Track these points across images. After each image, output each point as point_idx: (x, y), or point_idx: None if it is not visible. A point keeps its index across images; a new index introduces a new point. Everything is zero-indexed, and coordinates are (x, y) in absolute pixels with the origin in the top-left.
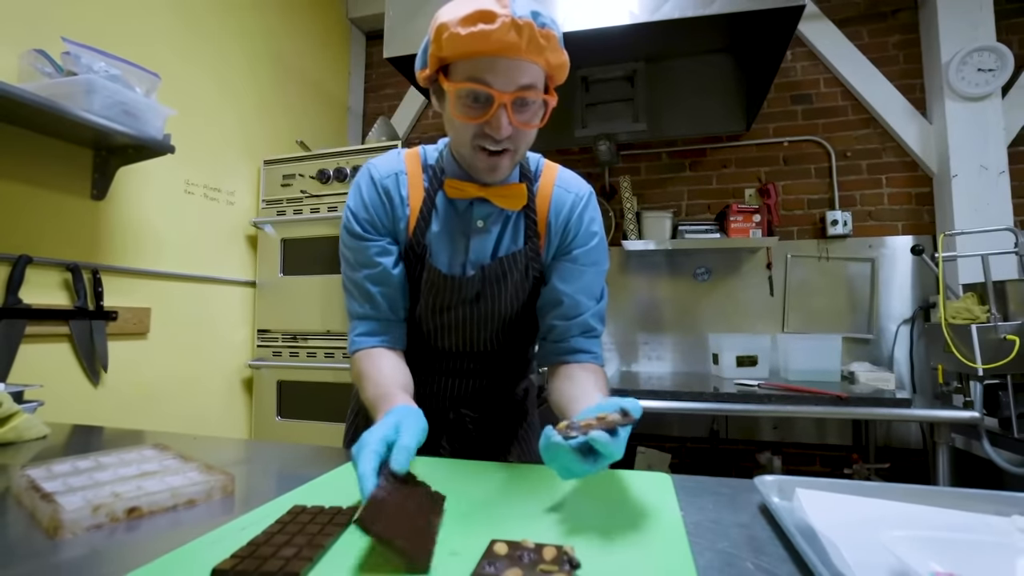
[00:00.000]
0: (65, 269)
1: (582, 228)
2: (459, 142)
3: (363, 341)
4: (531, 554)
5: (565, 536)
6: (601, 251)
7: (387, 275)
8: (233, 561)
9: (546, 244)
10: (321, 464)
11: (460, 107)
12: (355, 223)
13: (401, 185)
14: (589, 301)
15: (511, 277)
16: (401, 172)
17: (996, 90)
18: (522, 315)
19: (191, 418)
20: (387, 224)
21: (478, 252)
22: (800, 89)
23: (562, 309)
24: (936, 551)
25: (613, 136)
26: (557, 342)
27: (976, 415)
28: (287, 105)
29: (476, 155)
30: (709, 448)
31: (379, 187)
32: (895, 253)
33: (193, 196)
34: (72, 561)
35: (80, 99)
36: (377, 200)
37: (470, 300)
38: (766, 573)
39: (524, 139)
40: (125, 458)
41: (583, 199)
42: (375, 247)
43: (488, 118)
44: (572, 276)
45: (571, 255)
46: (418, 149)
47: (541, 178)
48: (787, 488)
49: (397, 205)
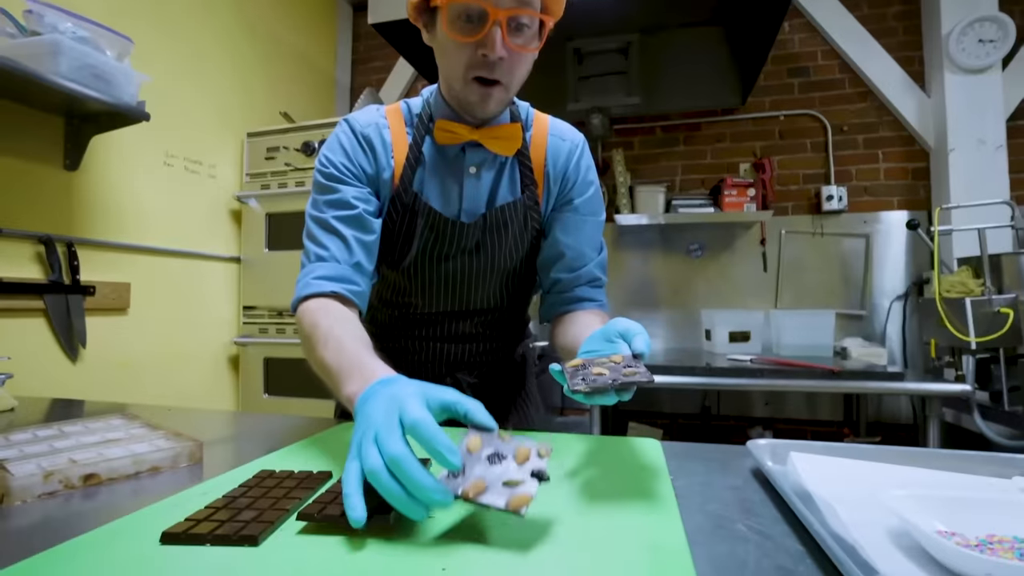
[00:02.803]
0: (38, 241)
1: (580, 176)
2: (451, 72)
3: (319, 284)
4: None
5: (550, 502)
6: (598, 201)
7: (363, 221)
8: (186, 524)
9: (544, 194)
10: (301, 432)
11: (453, 26)
12: (331, 167)
13: (384, 134)
14: (592, 252)
15: (512, 227)
16: (383, 124)
17: (997, 62)
18: (520, 270)
19: (176, 396)
20: (370, 173)
21: (472, 200)
22: (797, 62)
23: (566, 261)
24: (939, 510)
25: (606, 110)
26: (562, 293)
27: (968, 388)
28: (271, 76)
29: (468, 87)
30: (700, 424)
31: (359, 135)
32: (890, 229)
33: (173, 169)
34: (18, 529)
35: (46, 61)
36: (358, 148)
37: (470, 250)
38: (758, 534)
39: (518, 69)
40: (90, 427)
41: (579, 147)
42: (354, 191)
43: (482, 36)
44: (573, 227)
45: (572, 204)
46: (399, 104)
47: (533, 127)
48: (780, 452)
49: (380, 154)
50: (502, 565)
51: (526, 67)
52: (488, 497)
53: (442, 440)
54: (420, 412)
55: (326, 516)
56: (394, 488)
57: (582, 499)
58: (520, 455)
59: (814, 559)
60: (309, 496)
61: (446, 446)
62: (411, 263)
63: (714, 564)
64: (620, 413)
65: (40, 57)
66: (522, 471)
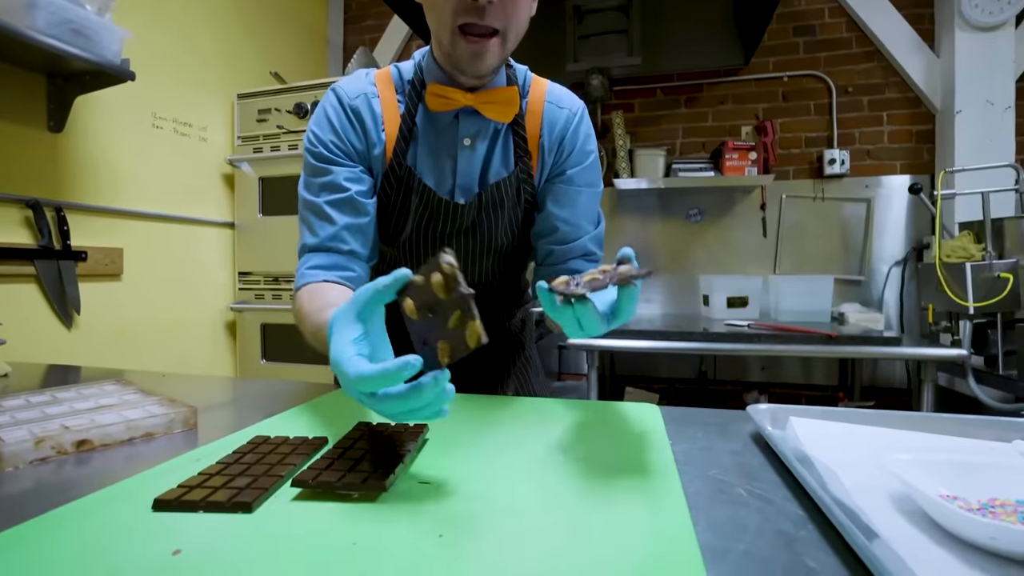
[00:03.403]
0: (25, 206)
1: (576, 145)
2: (440, 24)
3: (313, 275)
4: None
5: (548, 467)
6: (596, 171)
7: (355, 204)
8: (179, 491)
9: (538, 166)
10: (298, 398)
11: None
12: (320, 146)
13: (374, 105)
14: (588, 225)
15: (506, 203)
16: (372, 94)
17: (1011, 18)
18: (515, 244)
19: (174, 362)
20: (360, 149)
21: (466, 174)
22: (803, 20)
23: (559, 235)
24: (940, 474)
25: (606, 70)
26: (554, 265)
27: (964, 352)
28: (261, 34)
29: (458, 40)
30: (697, 389)
31: (348, 109)
32: (891, 193)
33: (162, 131)
34: (11, 495)
35: (20, 14)
36: (347, 123)
37: (466, 229)
38: (759, 499)
39: (513, 16)
40: (83, 392)
41: (576, 114)
42: (345, 172)
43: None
44: (568, 199)
45: (565, 175)
46: (389, 68)
47: (530, 93)
48: (780, 417)
49: (371, 128)
50: (499, 531)
51: (523, 14)
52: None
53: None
54: (354, 367)
55: (321, 482)
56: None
57: (581, 465)
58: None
59: (816, 524)
60: (304, 462)
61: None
62: (406, 240)
63: (715, 529)
64: (617, 378)
65: (15, 10)
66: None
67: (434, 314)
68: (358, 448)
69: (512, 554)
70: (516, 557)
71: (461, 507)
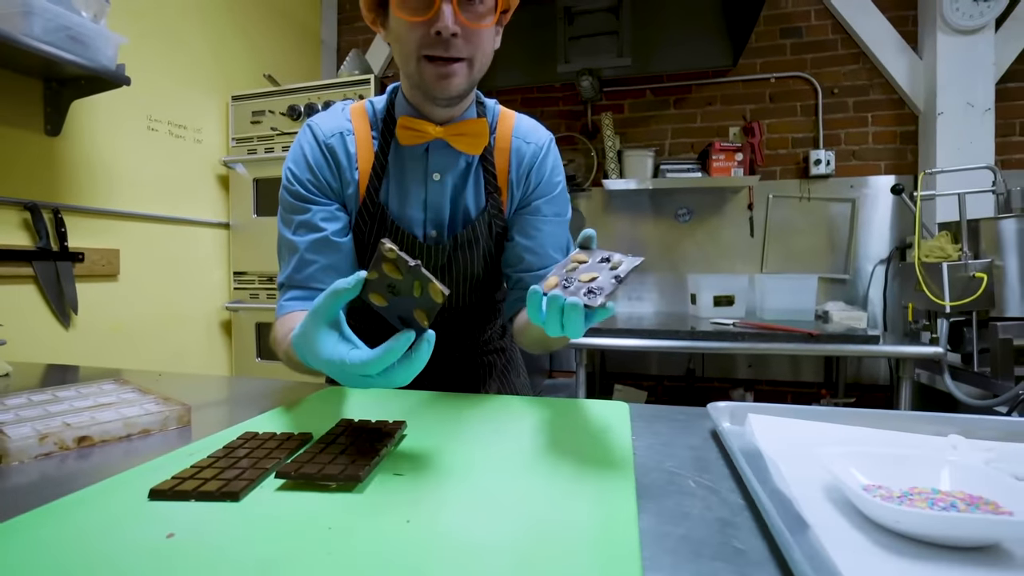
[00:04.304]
0: (23, 208)
1: (544, 178)
2: (406, 56)
3: (291, 305)
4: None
5: (514, 460)
6: (564, 200)
7: (330, 243)
8: (172, 482)
9: (508, 200)
10: (289, 397)
11: (403, 7)
12: (297, 184)
13: (348, 144)
14: (556, 253)
15: (480, 241)
16: (347, 131)
17: (990, 22)
18: (491, 273)
19: (169, 360)
20: (335, 187)
21: (436, 209)
22: (790, 22)
23: (528, 263)
24: (866, 465)
25: (597, 71)
26: (523, 290)
27: (940, 350)
28: (254, 35)
29: (424, 65)
30: (685, 386)
31: (323, 147)
32: (876, 193)
33: (157, 133)
34: (16, 487)
35: (17, 22)
36: (323, 162)
37: (442, 266)
38: (706, 489)
39: (478, 46)
40: (83, 391)
41: (543, 148)
42: (321, 212)
43: (433, 14)
44: (535, 229)
45: (531, 206)
46: (364, 103)
47: (498, 128)
48: (739, 414)
49: (345, 167)
50: (460, 516)
51: (488, 45)
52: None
53: (387, 348)
54: (358, 356)
55: (302, 474)
56: (397, 376)
57: (545, 457)
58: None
59: (751, 512)
60: (289, 456)
61: (394, 346)
62: None
63: (659, 516)
64: (607, 375)
65: (12, 17)
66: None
67: (398, 294)
68: (339, 443)
69: (468, 535)
70: (471, 538)
71: (429, 496)
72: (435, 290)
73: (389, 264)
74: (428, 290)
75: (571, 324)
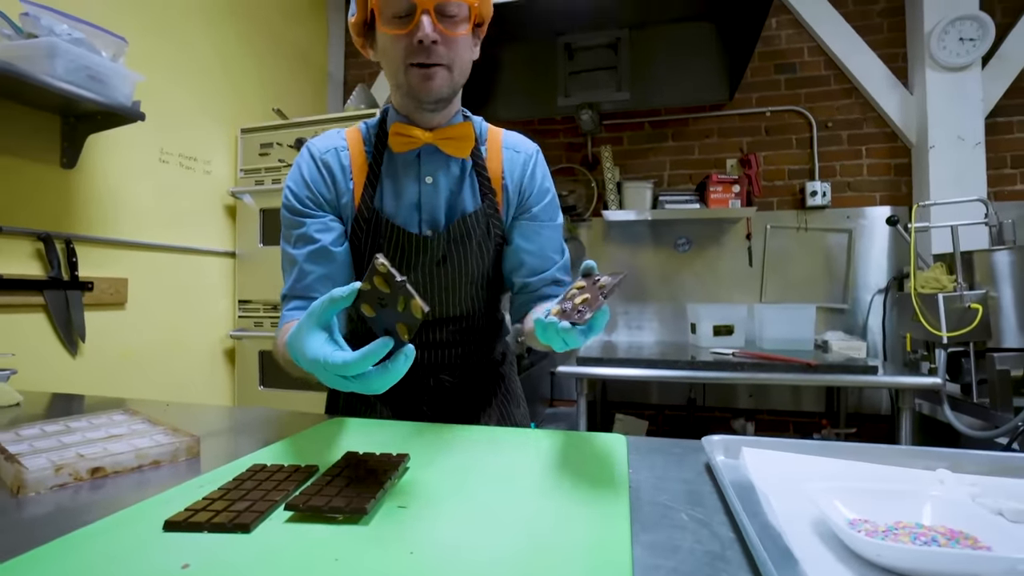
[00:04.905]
0: (37, 239)
1: (536, 186)
2: (393, 67)
3: (292, 315)
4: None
5: (514, 492)
6: (556, 206)
7: (327, 253)
8: (186, 514)
9: (504, 205)
10: (292, 427)
11: (388, 23)
12: (295, 200)
13: (343, 158)
14: (555, 255)
15: (474, 236)
16: (342, 147)
17: (976, 60)
18: (489, 276)
19: (173, 388)
20: (330, 199)
21: (430, 209)
22: (784, 58)
23: (529, 267)
24: (854, 499)
25: (596, 105)
26: (530, 294)
27: (938, 381)
28: (264, 71)
29: (410, 70)
30: (686, 415)
31: (319, 162)
32: (872, 224)
33: (168, 165)
34: (34, 517)
35: (42, 63)
36: (318, 176)
37: (437, 261)
38: (698, 523)
39: (457, 53)
40: (94, 422)
41: (532, 157)
42: (316, 224)
43: (413, 26)
44: (534, 234)
45: (530, 213)
46: (358, 125)
47: (488, 141)
48: (733, 447)
49: (340, 179)
50: (459, 549)
51: (465, 53)
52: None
53: (365, 352)
54: (340, 357)
55: (310, 506)
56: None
57: (544, 490)
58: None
59: (741, 546)
60: (297, 488)
61: (372, 350)
62: None
63: (651, 548)
64: (608, 404)
65: (36, 59)
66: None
67: (385, 306)
68: (344, 476)
69: (466, 567)
70: (469, 570)
71: (430, 528)
72: (416, 306)
73: (380, 277)
74: (410, 306)
75: (571, 341)
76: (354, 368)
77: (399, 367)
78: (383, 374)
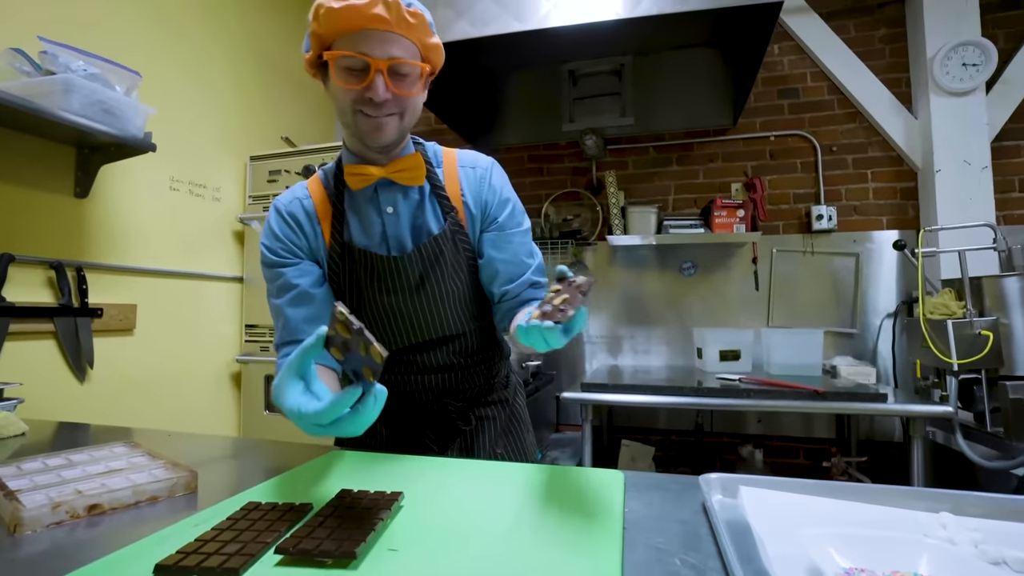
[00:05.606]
0: (49, 267)
1: (496, 197)
2: (342, 111)
3: (285, 362)
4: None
5: (506, 533)
6: (520, 213)
7: (307, 296)
8: (177, 557)
9: (468, 220)
10: (292, 458)
11: (341, 76)
12: (270, 254)
13: (306, 206)
14: (528, 259)
15: (445, 253)
16: (304, 196)
17: (980, 85)
18: (470, 294)
19: (179, 413)
20: (302, 246)
21: (395, 236)
22: (787, 83)
23: (505, 275)
24: (851, 546)
25: (600, 130)
26: (510, 301)
27: (950, 409)
28: (273, 99)
29: (358, 119)
30: (694, 441)
31: (285, 215)
32: (879, 248)
33: (178, 193)
34: (29, 557)
35: (59, 98)
36: (286, 227)
37: (416, 285)
38: (692, 569)
39: (408, 104)
40: (95, 455)
41: (488, 170)
42: (293, 271)
43: (366, 84)
44: (504, 243)
45: (497, 223)
46: (318, 173)
47: (443, 164)
48: (731, 486)
49: (306, 225)
50: None
51: (417, 100)
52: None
53: (332, 401)
54: (312, 407)
55: (300, 550)
56: (347, 427)
57: (537, 530)
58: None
59: None
60: (289, 529)
61: (339, 399)
62: (366, 306)
63: None
64: (614, 429)
65: (53, 95)
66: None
67: (350, 351)
68: (337, 516)
69: None
70: None
71: (420, 572)
72: (375, 352)
73: (340, 324)
74: (370, 351)
75: (552, 341)
76: (326, 416)
77: (369, 409)
78: (355, 418)
